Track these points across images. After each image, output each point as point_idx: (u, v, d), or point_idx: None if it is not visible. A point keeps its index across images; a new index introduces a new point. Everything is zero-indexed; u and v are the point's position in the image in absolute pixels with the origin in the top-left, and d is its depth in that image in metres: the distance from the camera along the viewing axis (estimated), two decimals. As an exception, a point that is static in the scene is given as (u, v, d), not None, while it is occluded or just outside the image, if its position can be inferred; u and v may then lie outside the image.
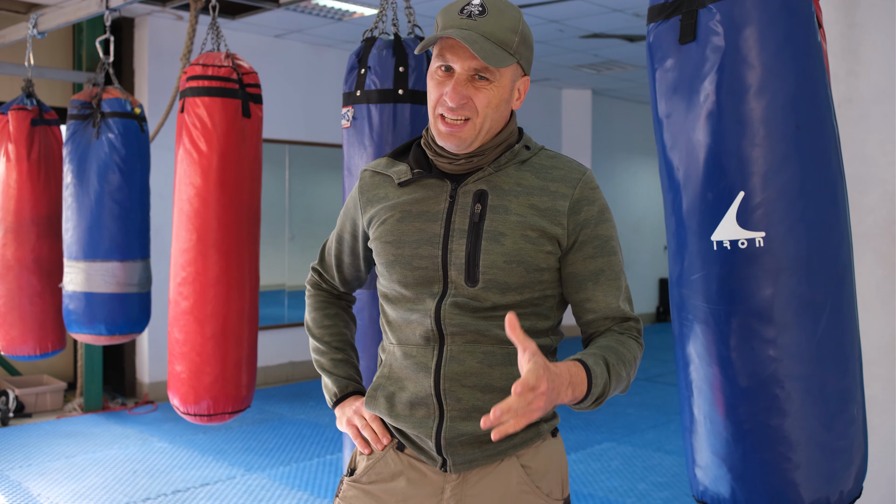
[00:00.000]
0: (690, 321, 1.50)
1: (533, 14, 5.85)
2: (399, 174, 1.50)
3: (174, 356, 2.84)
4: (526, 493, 1.43)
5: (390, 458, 1.48)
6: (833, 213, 1.42)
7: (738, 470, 1.45)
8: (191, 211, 2.78)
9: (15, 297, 3.77)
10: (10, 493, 4.05)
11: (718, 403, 1.46)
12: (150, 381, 6.04)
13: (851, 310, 1.45)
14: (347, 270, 1.64)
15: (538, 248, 1.39)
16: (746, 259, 1.40)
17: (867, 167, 2.60)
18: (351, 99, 2.30)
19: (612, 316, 1.44)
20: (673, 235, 1.53)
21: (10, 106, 3.82)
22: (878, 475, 2.56)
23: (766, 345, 1.40)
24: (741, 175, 1.40)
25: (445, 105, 1.38)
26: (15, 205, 3.76)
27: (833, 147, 1.43)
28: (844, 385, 1.43)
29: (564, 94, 9.15)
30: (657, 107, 1.53)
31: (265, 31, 6.40)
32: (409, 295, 1.43)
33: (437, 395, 1.39)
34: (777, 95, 1.38)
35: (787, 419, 1.40)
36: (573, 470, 4.41)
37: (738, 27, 1.39)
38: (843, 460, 1.43)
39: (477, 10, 1.37)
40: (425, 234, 1.43)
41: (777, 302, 1.39)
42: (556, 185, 1.43)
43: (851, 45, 2.64)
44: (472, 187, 1.43)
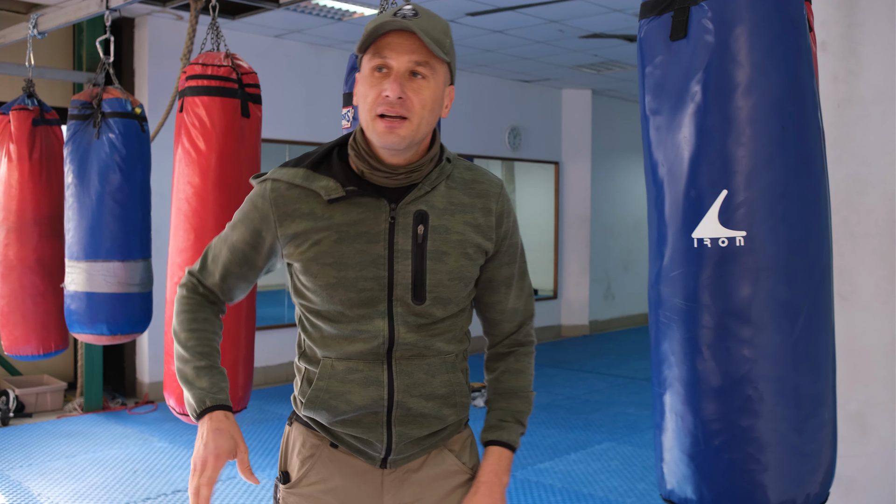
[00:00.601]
0: (667, 318, 1.49)
1: (533, 14, 5.85)
2: (328, 190, 1.43)
3: (170, 356, 2.84)
4: (455, 472, 1.57)
5: (325, 456, 1.53)
6: (815, 216, 1.42)
7: (706, 469, 1.44)
8: (189, 210, 2.78)
9: (18, 297, 3.77)
10: (11, 493, 4.05)
11: (690, 401, 1.46)
12: (150, 381, 6.04)
13: (828, 313, 1.45)
14: (233, 281, 1.55)
15: (474, 262, 1.50)
16: (726, 258, 1.40)
17: (867, 167, 2.60)
18: (351, 99, 2.31)
19: (517, 319, 1.61)
20: (654, 232, 1.53)
21: (11, 106, 3.82)
22: (879, 475, 2.55)
23: (742, 344, 1.40)
24: (725, 174, 1.40)
25: (385, 102, 1.37)
26: (17, 205, 3.76)
27: (818, 151, 1.43)
28: (817, 388, 1.43)
29: (564, 94, 9.16)
30: (645, 103, 1.53)
31: (265, 31, 6.40)
32: (352, 315, 1.45)
33: (389, 406, 1.47)
34: (765, 96, 1.38)
35: (758, 420, 1.40)
36: (573, 470, 4.42)
37: (729, 25, 1.39)
38: (812, 464, 1.42)
39: (410, 12, 1.39)
40: (368, 255, 1.43)
41: (755, 302, 1.39)
42: (482, 200, 1.50)
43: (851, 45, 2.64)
44: (411, 208, 1.44)
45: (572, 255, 9.26)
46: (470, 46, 6.93)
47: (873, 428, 2.50)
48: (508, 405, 1.59)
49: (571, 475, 4.33)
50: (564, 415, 5.60)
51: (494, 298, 1.57)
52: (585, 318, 9.32)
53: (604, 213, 9.53)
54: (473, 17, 5.93)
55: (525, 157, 8.84)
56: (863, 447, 2.52)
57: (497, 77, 8.36)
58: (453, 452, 1.57)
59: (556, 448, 4.84)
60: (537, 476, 4.31)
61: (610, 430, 5.24)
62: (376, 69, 1.38)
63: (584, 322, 9.32)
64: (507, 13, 5.81)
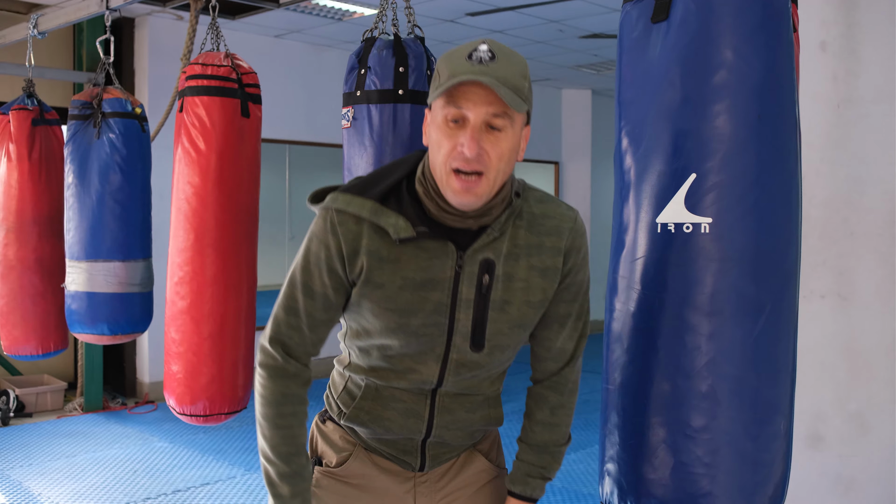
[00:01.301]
0: (623, 307, 1.42)
1: (533, 14, 5.85)
2: (397, 229, 1.35)
3: (171, 356, 2.84)
4: (485, 470, 1.59)
5: (361, 453, 1.55)
6: (785, 211, 1.36)
7: (650, 473, 1.36)
8: (188, 210, 2.78)
9: (17, 297, 3.77)
10: (11, 493, 4.05)
11: (639, 397, 1.38)
12: (151, 381, 6.04)
13: (792, 316, 1.38)
14: (321, 330, 1.44)
15: (538, 310, 1.45)
16: (689, 245, 1.34)
17: (867, 167, 2.60)
18: (351, 99, 2.31)
19: (563, 359, 1.54)
20: (618, 218, 1.46)
21: (11, 106, 3.82)
22: (879, 475, 2.56)
23: (699, 338, 1.32)
24: (696, 157, 1.34)
25: (461, 157, 1.29)
26: (16, 205, 3.76)
27: (793, 145, 1.38)
28: (775, 394, 1.35)
29: (564, 94, 9.15)
30: (621, 83, 1.49)
31: (265, 31, 6.40)
32: (408, 353, 1.43)
33: (426, 436, 1.50)
34: (743, 81, 1.34)
35: (710, 421, 1.32)
36: (573, 470, 4.41)
37: (711, 8, 1.35)
38: (763, 475, 1.34)
39: (487, 55, 1.29)
40: (431, 303, 1.38)
41: (716, 294, 1.32)
42: (550, 239, 1.43)
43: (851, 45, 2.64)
44: (478, 256, 1.38)
45: (572, 255, 9.26)
46: (470, 46, 6.93)
47: (873, 428, 2.50)
48: (538, 460, 1.56)
49: (571, 475, 4.33)
50: (564, 415, 5.60)
51: (544, 334, 1.51)
52: (585, 318, 9.32)
53: (604, 213, 9.53)
54: (473, 17, 5.93)
55: (525, 157, 8.84)
56: (863, 447, 2.52)
57: (497, 77, 8.36)
58: (482, 452, 1.60)
59: (556, 448, 4.84)
60: (537, 476, 4.31)
61: (610, 430, 5.24)
62: (451, 120, 1.30)
63: (584, 322, 9.32)
64: (507, 13, 5.81)
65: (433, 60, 2.36)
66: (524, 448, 1.57)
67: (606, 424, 1.46)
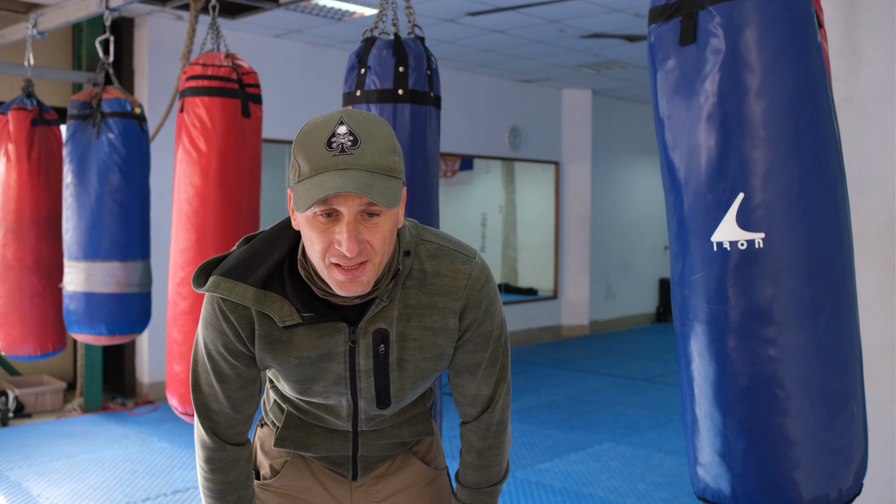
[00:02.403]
0: (691, 321, 1.51)
1: (533, 14, 5.85)
2: (282, 316, 1.30)
3: (173, 356, 2.83)
4: (422, 473, 1.60)
5: (296, 461, 1.57)
6: (833, 214, 1.42)
7: (738, 468, 1.46)
8: (190, 211, 2.78)
9: (15, 297, 3.77)
10: (10, 494, 4.05)
11: (719, 402, 1.47)
12: (150, 382, 6.04)
13: (851, 310, 1.46)
14: (247, 406, 1.42)
15: (438, 362, 1.43)
16: (746, 260, 1.41)
17: (867, 167, 2.60)
18: (351, 99, 2.30)
19: (480, 405, 1.50)
20: (674, 236, 1.54)
21: (10, 106, 3.82)
22: (878, 475, 2.55)
23: (766, 344, 1.41)
24: (741, 176, 1.41)
25: (340, 255, 1.20)
26: (15, 205, 3.76)
27: (833, 148, 1.43)
28: (844, 384, 1.44)
29: (564, 94, 9.15)
30: (658, 107, 1.54)
31: (265, 31, 6.40)
32: (321, 406, 1.46)
33: (354, 452, 1.52)
34: (777, 97, 1.39)
35: (786, 418, 1.41)
36: (573, 470, 4.41)
37: (737, 29, 1.39)
38: (843, 458, 1.44)
39: (348, 140, 1.18)
40: (330, 373, 1.38)
41: (777, 302, 1.40)
42: (443, 300, 1.35)
43: (851, 45, 2.63)
44: (370, 328, 1.34)
45: (572, 255, 9.26)
46: (470, 46, 6.92)
47: (873, 428, 2.50)
48: (472, 499, 1.57)
49: (571, 475, 4.33)
50: (564, 415, 5.60)
51: (456, 381, 1.49)
52: (585, 318, 9.32)
53: (604, 213, 9.53)
54: (473, 17, 5.93)
55: (525, 157, 8.84)
56: (863, 447, 2.51)
57: (497, 77, 8.36)
58: (418, 455, 1.61)
59: (556, 448, 4.84)
60: (537, 476, 4.31)
61: (610, 430, 5.24)
62: (322, 214, 1.19)
63: (584, 322, 9.32)
64: (507, 13, 5.81)
65: (433, 60, 2.36)
66: (459, 489, 1.58)
67: (691, 426, 1.55)
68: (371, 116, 1.23)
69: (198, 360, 1.41)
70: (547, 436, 5.11)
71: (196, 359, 1.41)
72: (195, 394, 1.42)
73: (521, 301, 8.93)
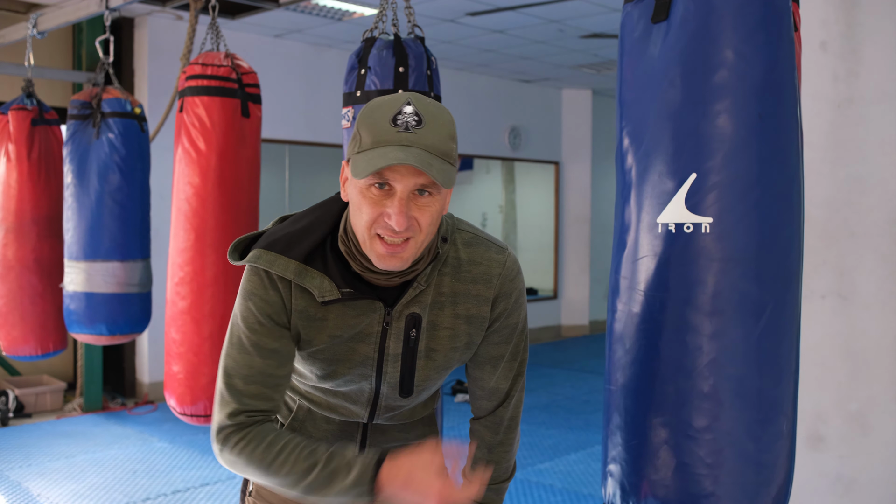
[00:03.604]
0: (625, 308, 1.42)
1: (533, 14, 5.84)
2: (322, 291, 1.30)
3: (171, 356, 2.83)
4: None
5: None
6: (787, 210, 1.35)
7: (652, 474, 1.36)
8: (189, 210, 2.78)
9: (16, 297, 3.77)
10: (10, 494, 4.05)
11: (641, 398, 1.38)
12: (150, 382, 6.04)
13: (794, 316, 1.38)
14: (285, 383, 1.36)
15: (465, 352, 1.43)
16: (690, 245, 1.33)
17: (867, 167, 2.60)
18: (351, 99, 2.30)
19: (497, 399, 1.50)
20: (619, 219, 1.46)
21: (10, 106, 3.82)
22: (879, 475, 2.55)
23: (700, 338, 1.32)
24: (696, 156, 1.34)
25: (388, 228, 1.22)
26: (15, 205, 3.76)
27: (794, 144, 1.38)
28: (777, 394, 1.34)
29: (564, 94, 9.15)
30: (622, 84, 1.48)
31: (265, 31, 6.40)
32: (339, 393, 1.44)
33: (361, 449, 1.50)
34: (743, 80, 1.33)
35: (712, 421, 1.32)
36: (573, 470, 4.41)
37: (711, 7, 1.35)
38: (765, 475, 1.33)
39: (413, 119, 1.20)
40: (359, 354, 1.37)
41: (717, 294, 1.32)
42: (476, 287, 1.37)
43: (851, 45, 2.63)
44: (405, 311, 1.35)
45: (572, 255, 9.26)
46: (470, 46, 6.92)
47: (873, 428, 2.50)
48: (481, 498, 1.56)
49: (571, 475, 4.33)
50: (564, 415, 5.60)
51: (476, 373, 1.48)
52: (585, 318, 9.32)
53: (604, 213, 9.52)
54: (473, 17, 5.93)
55: (525, 157, 8.84)
56: (863, 447, 2.51)
57: (497, 77, 8.36)
58: None
59: (556, 448, 4.84)
60: (537, 476, 4.31)
61: (610, 430, 5.24)
62: (376, 185, 1.22)
63: (584, 322, 9.32)
64: (507, 13, 5.81)
65: (433, 60, 2.36)
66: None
67: (609, 425, 1.46)
68: (436, 103, 1.26)
69: (233, 343, 1.33)
70: (547, 435, 5.11)
71: (231, 341, 1.33)
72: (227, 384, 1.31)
73: (521, 301, 8.93)
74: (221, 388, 1.33)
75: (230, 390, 1.32)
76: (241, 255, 1.36)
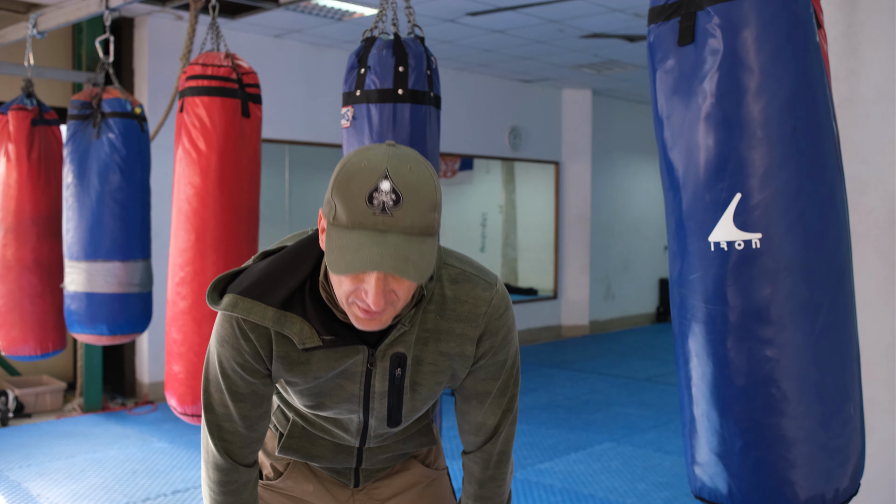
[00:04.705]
0: (689, 320, 1.51)
1: (533, 14, 5.85)
2: (302, 338, 1.27)
3: (172, 356, 2.84)
4: (422, 474, 1.61)
5: (298, 467, 1.58)
6: (831, 214, 1.43)
7: (734, 467, 1.46)
8: (189, 210, 2.78)
9: (15, 297, 3.77)
10: (10, 494, 4.05)
11: (716, 402, 1.48)
12: (150, 382, 6.04)
13: (849, 310, 1.46)
14: (261, 425, 1.39)
15: (451, 382, 1.42)
16: (743, 260, 1.42)
17: (867, 167, 2.60)
18: (351, 99, 2.30)
19: (483, 434, 1.47)
20: (673, 235, 1.55)
21: (10, 106, 3.82)
22: (879, 475, 2.55)
23: (763, 344, 1.42)
24: (738, 177, 1.41)
25: (364, 303, 1.17)
26: (15, 205, 3.76)
27: (831, 149, 1.43)
28: (841, 384, 1.44)
29: (564, 94, 9.15)
30: (657, 107, 1.54)
31: (265, 31, 6.40)
32: (330, 419, 1.46)
33: (358, 464, 1.54)
34: (774, 98, 1.39)
35: (783, 418, 1.42)
36: (573, 470, 4.41)
37: (735, 29, 1.39)
38: (840, 458, 1.44)
39: (390, 199, 1.11)
40: (345, 391, 1.37)
41: (774, 302, 1.41)
42: (461, 326, 1.33)
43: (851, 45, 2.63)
44: (389, 351, 1.33)
45: (572, 255, 9.26)
46: (470, 46, 6.92)
47: (873, 428, 2.50)
48: None
49: (571, 475, 4.33)
50: (564, 415, 5.60)
51: (463, 407, 1.47)
52: (585, 318, 9.32)
53: (604, 213, 9.53)
54: (473, 17, 5.93)
55: (525, 157, 8.84)
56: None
57: (497, 77, 8.36)
58: (419, 458, 1.62)
59: (556, 448, 4.84)
60: (537, 476, 4.31)
61: (610, 430, 5.24)
62: None
63: (584, 322, 9.32)
64: (507, 13, 5.81)
65: (433, 60, 2.36)
66: None
67: (689, 425, 1.55)
68: (416, 168, 1.15)
69: (210, 379, 1.36)
70: (547, 436, 5.11)
71: (208, 377, 1.36)
72: (207, 414, 1.37)
73: (521, 301, 8.93)
74: (205, 420, 1.39)
75: (210, 426, 1.37)
76: (220, 295, 1.30)
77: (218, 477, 1.39)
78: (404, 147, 1.20)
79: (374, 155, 1.15)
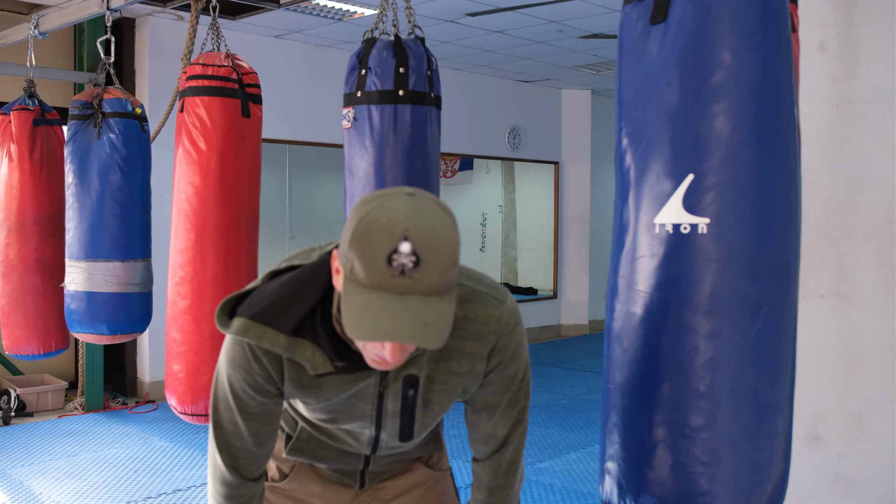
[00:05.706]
0: (623, 307, 1.43)
1: (533, 14, 5.85)
2: (314, 364, 1.26)
3: (172, 356, 2.84)
4: (426, 475, 1.63)
5: (304, 466, 1.59)
6: (784, 211, 1.36)
7: (649, 472, 1.37)
8: (189, 210, 2.79)
9: (18, 296, 3.77)
10: (12, 492, 4.06)
11: (638, 396, 1.39)
12: (151, 381, 6.05)
13: (791, 316, 1.38)
14: (270, 442, 1.40)
15: (462, 397, 1.43)
16: (687, 246, 1.33)
17: (866, 167, 2.61)
18: (352, 100, 2.31)
19: (493, 445, 1.48)
20: (618, 219, 1.46)
21: (12, 106, 3.83)
22: (879, 475, 2.56)
23: (697, 338, 1.33)
24: (693, 157, 1.34)
25: (381, 356, 1.17)
26: (18, 205, 3.77)
27: (792, 146, 1.38)
28: (773, 393, 1.35)
29: (564, 94, 9.16)
30: (621, 84, 1.48)
31: (265, 32, 6.40)
32: (342, 429, 1.47)
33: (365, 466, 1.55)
34: (740, 82, 1.34)
35: (708, 420, 1.32)
36: (573, 470, 4.42)
37: (708, 9, 1.35)
38: (760, 474, 1.34)
39: (410, 262, 1.07)
40: (358, 410, 1.38)
41: (714, 294, 1.32)
42: (471, 345, 1.33)
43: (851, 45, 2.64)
44: (402, 373, 1.34)
45: (572, 254, 9.27)
46: (470, 46, 6.93)
47: (873, 428, 2.51)
48: None
49: (571, 475, 4.34)
50: (564, 414, 5.60)
51: (473, 418, 1.47)
52: (585, 317, 9.32)
53: (603, 213, 9.53)
54: (473, 17, 5.94)
55: (525, 157, 8.85)
56: (863, 447, 2.52)
57: (497, 77, 8.37)
58: (422, 460, 1.64)
59: (556, 448, 4.85)
60: (537, 476, 4.31)
61: (610, 429, 5.25)
62: None
63: (583, 322, 9.33)
64: (507, 13, 5.82)
65: (433, 61, 2.36)
66: None
67: (606, 423, 1.46)
68: (437, 224, 1.10)
69: (219, 398, 1.36)
70: (547, 435, 5.11)
71: (217, 395, 1.36)
72: (216, 431, 1.37)
73: (520, 301, 8.94)
74: (214, 436, 1.39)
75: (219, 442, 1.38)
76: (229, 315, 1.28)
77: (226, 491, 1.41)
78: (424, 196, 1.13)
79: (394, 210, 1.10)
